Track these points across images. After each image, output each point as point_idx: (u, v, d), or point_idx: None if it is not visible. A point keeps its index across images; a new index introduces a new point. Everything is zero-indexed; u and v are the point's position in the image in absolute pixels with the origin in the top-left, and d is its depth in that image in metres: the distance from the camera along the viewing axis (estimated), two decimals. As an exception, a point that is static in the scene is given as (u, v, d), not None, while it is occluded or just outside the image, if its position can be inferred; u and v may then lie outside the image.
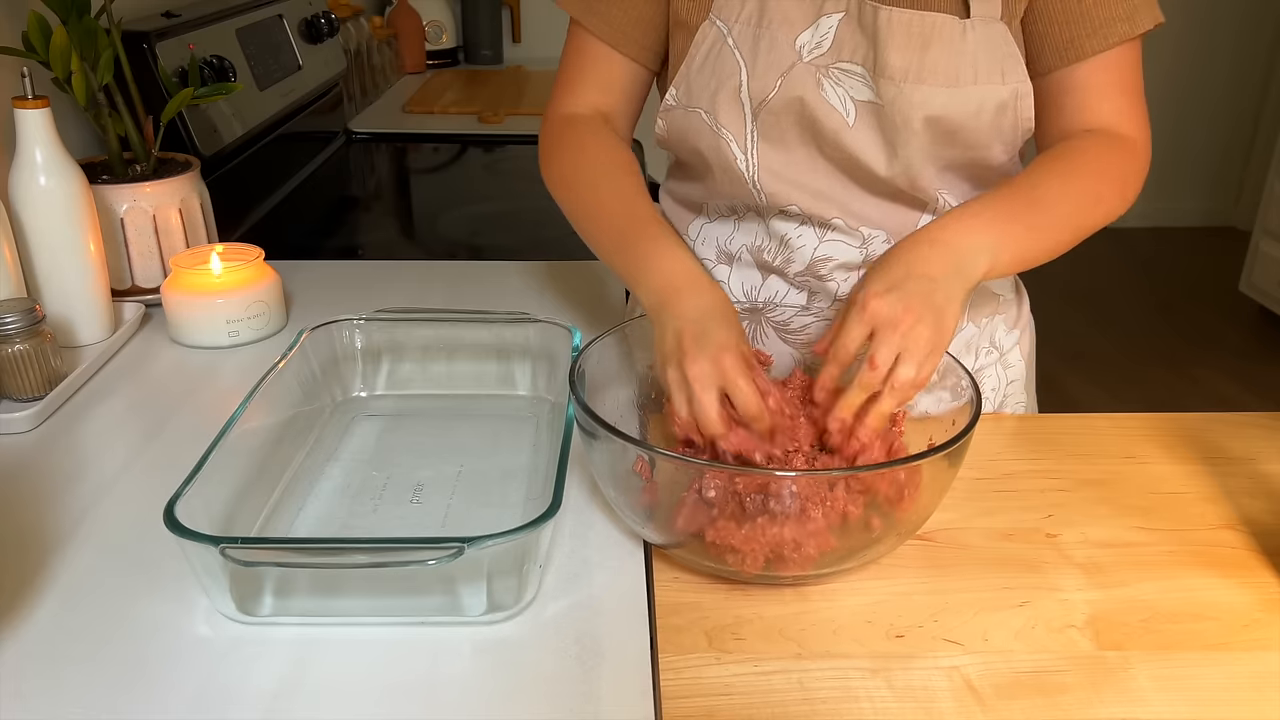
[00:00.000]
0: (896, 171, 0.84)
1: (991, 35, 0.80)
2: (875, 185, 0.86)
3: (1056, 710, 0.59)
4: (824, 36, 0.82)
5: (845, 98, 0.82)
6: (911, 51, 0.79)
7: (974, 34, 0.80)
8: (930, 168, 0.84)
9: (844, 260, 0.89)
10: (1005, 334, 0.98)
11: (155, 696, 0.59)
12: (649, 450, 0.67)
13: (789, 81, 0.82)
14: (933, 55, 0.79)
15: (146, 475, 0.81)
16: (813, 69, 0.82)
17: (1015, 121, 0.83)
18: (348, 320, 0.91)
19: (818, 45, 0.82)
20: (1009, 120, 0.83)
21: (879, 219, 0.88)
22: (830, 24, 0.82)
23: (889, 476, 0.67)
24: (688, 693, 0.60)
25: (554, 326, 0.91)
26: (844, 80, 0.82)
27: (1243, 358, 3.21)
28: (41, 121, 0.94)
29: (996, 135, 0.83)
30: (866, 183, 0.86)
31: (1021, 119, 0.83)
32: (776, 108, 0.84)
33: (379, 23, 2.42)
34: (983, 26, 0.80)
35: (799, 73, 0.82)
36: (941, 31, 0.79)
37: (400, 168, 1.93)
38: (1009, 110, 0.82)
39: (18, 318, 0.87)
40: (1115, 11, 0.81)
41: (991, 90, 0.81)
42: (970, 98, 0.80)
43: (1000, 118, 0.82)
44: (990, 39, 0.80)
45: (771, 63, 0.83)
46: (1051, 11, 0.82)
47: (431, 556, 0.61)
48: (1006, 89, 0.81)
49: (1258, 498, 0.80)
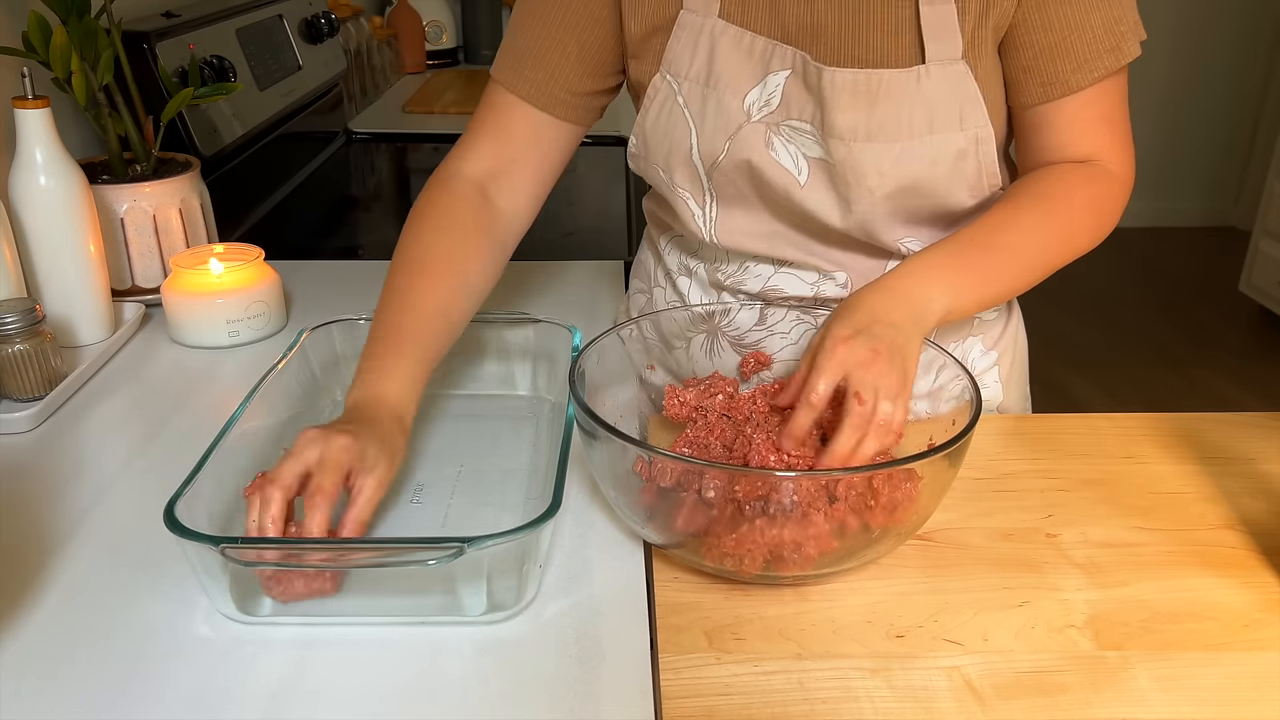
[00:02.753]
0: (852, 225, 0.83)
1: (949, 78, 0.78)
2: (833, 236, 0.86)
3: (1056, 710, 0.59)
4: (772, 95, 0.80)
5: (797, 155, 0.81)
6: (858, 111, 0.77)
7: (929, 81, 0.77)
8: (888, 219, 0.83)
9: (795, 292, 0.90)
10: (981, 355, 0.96)
11: (155, 696, 0.59)
12: (649, 450, 0.67)
13: (736, 144, 0.81)
14: (881, 113, 0.77)
15: (146, 475, 0.81)
16: (762, 127, 0.81)
17: (979, 167, 0.81)
18: (348, 320, 0.91)
19: (766, 103, 0.81)
20: (971, 167, 0.81)
21: (842, 261, 0.88)
22: (778, 81, 0.80)
23: (887, 493, 0.66)
24: (688, 693, 0.60)
25: (554, 326, 0.91)
26: (795, 138, 0.81)
27: (1242, 358, 3.21)
28: (41, 121, 0.94)
29: (960, 182, 0.81)
30: (823, 235, 0.86)
31: (985, 164, 0.81)
32: (727, 169, 0.83)
33: (379, 23, 2.42)
34: (939, 71, 0.77)
35: (746, 134, 0.81)
36: (889, 87, 0.77)
37: (400, 168, 1.93)
38: (969, 157, 0.80)
39: (18, 318, 0.87)
40: (1101, 45, 0.78)
41: (948, 139, 0.79)
42: (925, 149, 0.78)
43: (961, 165, 0.80)
44: (948, 83, 0.78)
45: (719, 125, 0.81)
46: (1036, 46, 0.78)
47: (431, 556, 0.61)
48: (965, 135, 0.79)
49: (1257, 498, 0.80)
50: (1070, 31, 0.77)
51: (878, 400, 0.68)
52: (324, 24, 1.81)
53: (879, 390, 0.68)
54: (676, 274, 0.98)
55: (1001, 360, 0.98)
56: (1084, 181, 0.82)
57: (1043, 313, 1.11)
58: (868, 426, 0.68)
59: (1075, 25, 0.77)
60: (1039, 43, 0.78)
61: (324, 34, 1.81)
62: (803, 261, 0.88)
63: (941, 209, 0.84)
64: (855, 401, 0.68)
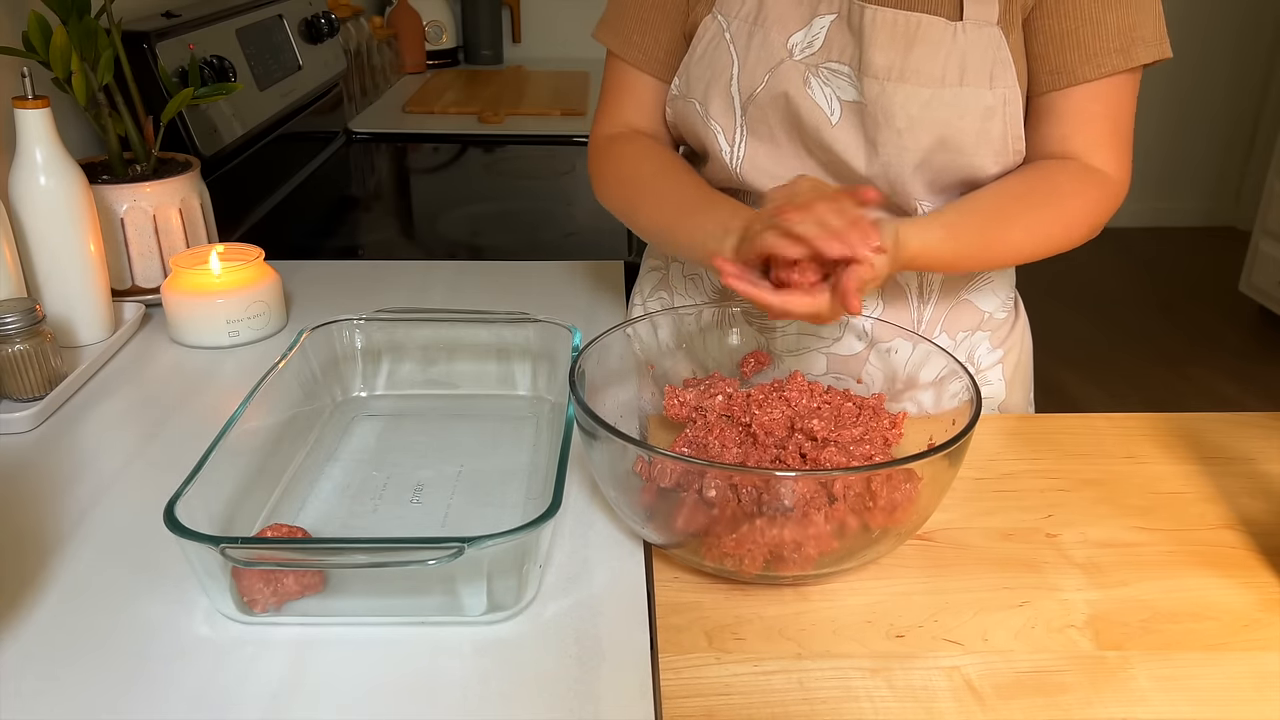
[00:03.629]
0: (876, 171, 0.85)
1: (983, 39, 0.80)
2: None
3: (1056, 710, 0.59)
4: (815, 36, 0.84)
5: (832, 97, 0.84)
6: (895, 51, 0.80)
7: (964, 36, 0.80)
8: (912, 171, 0.84)
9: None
10: (988, 352, 0.97)
11: (155, 696, 0.59)
12: (649, 450, 0.67)
13: (775, 77, 0.84)
14: (917, 55, 0.80)
15: (146, 475, 0.81)
16: (801, 67, 0.84)
17: (1004, 130, 0.83)
18: (348, 320, 0.91)
19: (809, 45, 0.84)
20: (997, 128, 0.82)
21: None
22: (823, 24, 0.83)
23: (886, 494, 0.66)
24: (688, 693, 0.60)
25: (554, 326, 0.91)
26: (832, 80, 0.83)
27: (1242, 358, 3.21)
28: (41, 121, 0.94)
29: (984, 142, 0.83)
30: (848, 181, 0.87)
31: (1011, 127, 0.83)
32: (763, 101, 0.86)
33: (379, 23, 2.42)
34: (974, 30, 0.80)
35: (786, 69, 0.84)
36: (927, 32, 0.80)
37: (400, 168, 1.93)
38: (996, 117, 0.82)
39: (18, 318, 0.87)
40: (1112, 43, 0.81)
41: (977, 94, 0.81)
42: (955, 99, 0.81)
43: (988, 124, 0.82)
44: (981, 42, 0.80)
45: (762, 58, 0.85)
46: (1049, 32, 0.82)
47: (431, 556, 0.61)
48: (994, 94, 0.81)
49: (1257, 498, 0.80)
50: (1084, 23, 0.80)
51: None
52: (324, 24, 1.81)
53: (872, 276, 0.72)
54: None
55: (1007, 359, 0.98)
56: (1075, 178, 0.84)
57: (1043, 312, 1.11)
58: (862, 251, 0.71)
59: (1090, 18, 0.80)
60: (1053, 29, 0.81)
61: (324, 34, 1.81)
62: None
63: (966, 172, 0.85)
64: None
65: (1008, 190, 0.83)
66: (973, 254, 0.83)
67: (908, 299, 0.93)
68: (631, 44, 0.94)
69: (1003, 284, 0.98)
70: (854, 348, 0.91)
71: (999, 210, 0.82)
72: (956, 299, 0.95)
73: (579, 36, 1.25)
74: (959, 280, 0.94)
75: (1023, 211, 0.83)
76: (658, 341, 0.88)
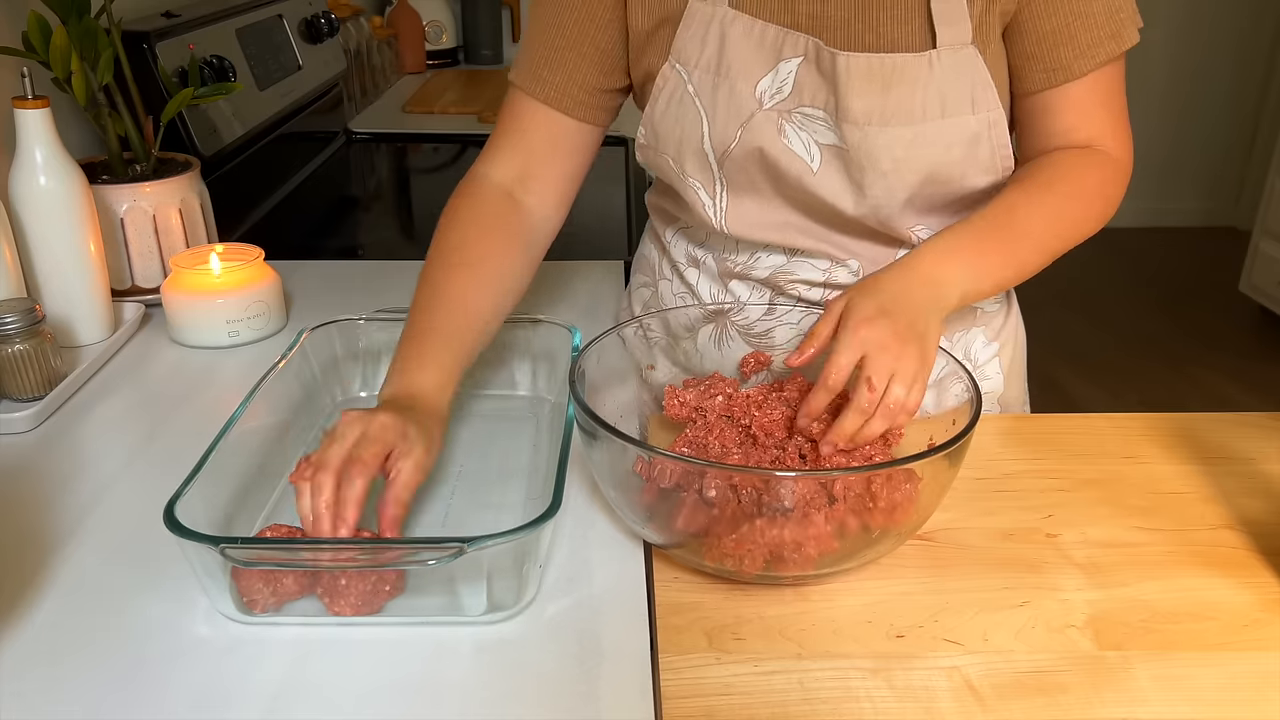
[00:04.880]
0: (865, 211, 0.84)
1: (960, 63, 0.78)
2: (846, 225, 0.86)
3: (1056, 710, 0.59)
4: (784, 81, 0.81)
5: (810, 142, 0.82)
6: (873, 95, 0.78)
7: (940, 65, 0.78)
8: (903, 206, 0.83)
9: (805, 278, 0.90)
10: (984, 347, 0.97)
11: (155, 696, 0.59)
12: (649, 450, 0.67)
13: (749, 132, 0.82)
14: (895, 96, 0.78)
15: (146, 475, 0.81)
16: (774, 115, 0.81)
17: (992, 150, 0.82)
18: (348, 320, 0.91)
19: (778, 90, 0.81)
20: (985, 151, 0.82)
21: (855, 249, 0.88)
22: (790, 68, 0.80)
23: (886, 496, 0.66)
24: (688, 693, 0.60)
25: (554, 326, 0.91)
26: (807, 124, 0.81)
27: (1243, 358, 3.21)
28: (41, 121, 0.94)
29: (974, 166, 0.82)
30: (837, 223, 0.87)
31: (999, 147, 0.82)
32: (738, 157, 0.83)
33: (379, 23, 2.42)
34: (950, 56, 0.78)
35: (759, 122, 0.81)
36: (903, 71, 0.78)
37: (400, 168, 1.93)
38: (983, 141, 0.81)
39: (18, 318, 0.87)
40: (1103, 31, 0.80)
41: (961, 123, 0.80)
42: (939, 134, 0.79)
43: (975, 149, 0.81)
44: (958, 67, 0.79)
45: (731, 113, 0.82)
46: (1038, 32, 0.80)
47: (431, 556, 0.61)
48: (978, 119, 0.80)
49: (1257, 498, 0.80)
50: (1073, 18, 0.79)
51: (891, 384, 0.69)
52: (324, 24, 1.81)
53: (895, 374, 0.69)
54: (684, 266, 0.98)
55: (1003, 352, 0.98)
56: (1091, 167, 0.83)
57: (1043, 312, 1.11)
58: (873, 410, 0.69)
59: (1077, 12, 0.79)
60: (1042, 29, 0.80)
61: (324, 34, 1.81)
62: (815, 249, 0.88)
63: (957, 194, 0.84)
64: (865, 388, 0.69)
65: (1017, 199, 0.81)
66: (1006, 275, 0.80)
67: None
68: (541, 80, 0.87)
69: None
70: None
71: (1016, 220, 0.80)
72: None
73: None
74: None
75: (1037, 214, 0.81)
76: (658, 341, 0.88)
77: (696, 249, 0.96)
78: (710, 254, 0.95)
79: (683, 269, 0.98)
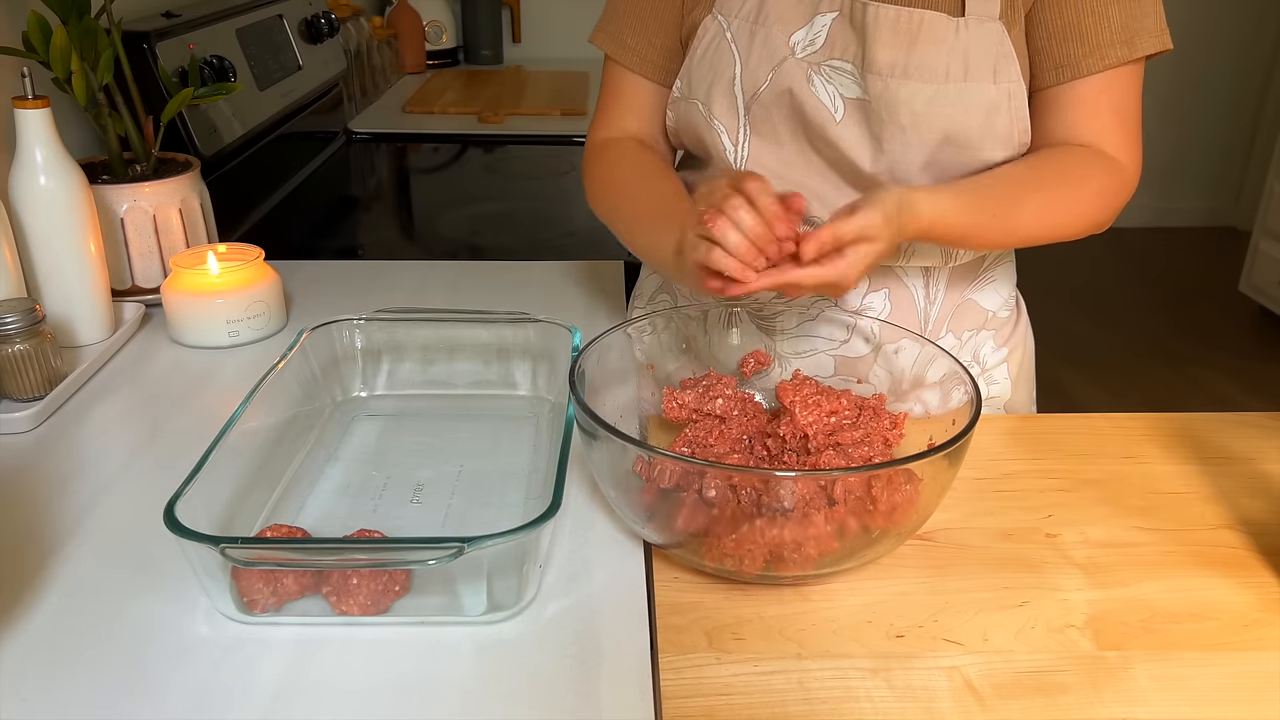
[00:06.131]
0: (882, 168, 0.85)
1: (986, 34, 0.80)
2: (861, 182, 0.87)
3: (1056, 710, 0.59)
4: (817, 34, 0.84)
5: (835, 94, 0.84)
6: (898, 48, 0.80)
7: (967, 32, 0.80)
8: (919, 168, 0.84)
9: None
10: (992, 351, 0.98)
11: (155, 696, 0.59)
12: (649, 450, 0.67)
13: (779, 74, 0.84)
14: (920, 51, 0.80)
15: (146, 475, 0.81)
16: (804, 64, 0.84)
17: (1010, 123, 0.83)
18: (348, 320, 0.91)
19: (811, 43, 0.84)
20: (1003, 122, 0.82)
21: None
22: (824, 22, 0.83)
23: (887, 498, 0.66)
24: (688, 693, 0.60)
25: (554, 326, 0.91)
26: (835, 77, 0.83)
27: (1243, 358, 3.21)
28: (41, 121, 0.94)
29: (990, 136, 0.83)
30: (853, 179, 0.87)
31: (1017, 120, 0.83)
32: (767, 100, 0.86)
33: (379, 23, 2.42)
34: (977, 25, 0.80)
35: (790, 66, 0.84)
36: (930, 28, 0.80)
37: (400, 168, 1.93)
38: (1002, 111, 0.82)
39: (18, 318, 0.87)
40: (1114, 35, 0.81)
41: (982, 89, 0.81)
42: (959, 95, 0.81)
43: (993, 118, 0.82)
44: (984, 37, 0.80)
45: (764, 56, 0.85)
46: (1051, 26, 0.82)
47: (431, 556, 0.61)
48: (998, 89, 0.81)
49: (1257, 498, 0.80)
50: (1086, 16, 0.81)
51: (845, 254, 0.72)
52: (324, 24, 1.81)
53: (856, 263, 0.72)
54: None
55: (1011, 357, 0.98)
56: (1095, 169, 0.84)
57: (1044, 312, 1.11)
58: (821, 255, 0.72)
59: (1092, 11, 0.81)
60: (1055, 23, 0.81)
61: (324, 34, 1.81)
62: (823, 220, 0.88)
63: (973, 165, 0.85)
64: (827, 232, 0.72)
65: (1019, 170, 0.83)
66: (984, 225, 0.81)
67: (915, 301, 0.93)
68: (626, 47, 0.94)
69: (1004, 282, 0.98)
70: (860, 350, 0.91)
71: (1013, 185, 0.82)
72: (962, 298, 0.95)
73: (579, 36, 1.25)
74: (964, 278, 0.94)
75: (1035, 189, 0.82)
76: (658, 341, 0.88)
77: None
78: None
79: None
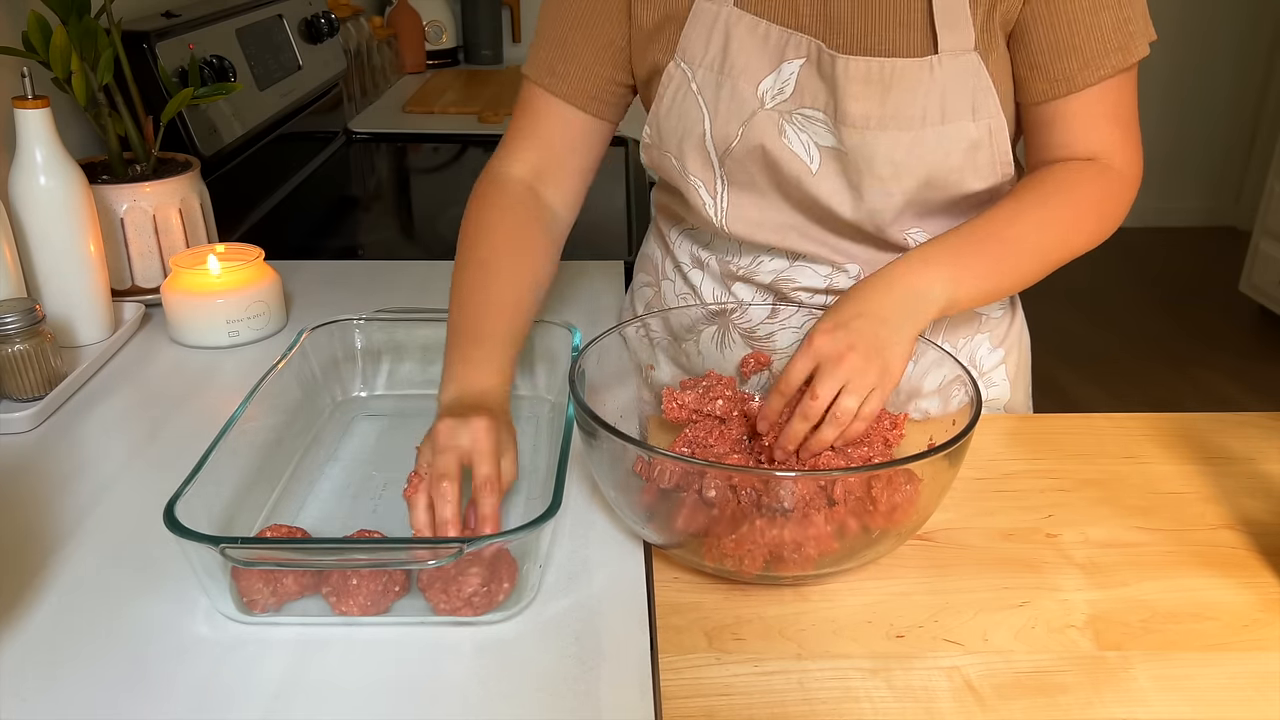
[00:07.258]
0: (863, 215, 0.83)
1: (961, 69, 0.78)
2: (843, 228, 0.86)
3: (1056, 710, 0.59)
4: (786, 83, 0.81)
5: (809, 144, 0.81)
6: (871, 99, 0.78)
7: (941, 70, 0.77)
8: (900, 212, 0.83)
9: (807, 284, 0.90)
10: (989, 353, 0.97)
11: (155, 696, 0.59)
12: (649, 450, 0.67)
13: (750, 129, 0.82)
14: (894, 100, 0.78)
15: (146, 475, 0.81)
16: (775, 115, 0.81)
17: (992, 156, 0.81)
18: (348, 320, 0.91)
19: (780, 91, 0.81)
20: (984, 157, 0.81)
21: (854, 254, 0.88)
22: (792, 69, 0.80)
23: (886, 498, 0.66)
24: (688, 693, 0.60)
25: (554, 326, 0.91)
26: (807, 126, 0.81)
27: (1243, 358, 3.21)
28: (41, 121, 0.94)
29: (973, 172, 0.81)
30: (834, 225, 0.86)
31: (999, 153, 0.81)
32: (739, 155, 0.83)
33: (379, 23, 2.42)
34: (951, 61, 0.77)
35: (760, 120, 0.82)
36: (903, 76, 0.77)
37: (400, 168, 1.93)
38: (983, 148, 0.80)
39: (18, 318, 0.87)
40: (1109, 43, 0.78)
41: (961, 129, 0.79)
42: (938, 139, 0.79)
43: (974, 155, 0.80)
44: (960, 73, 0.78)
45: (733, 110, 0.82)
46: (1043, 42, 0.79)
47: (431, 556, 0.61)
48: (978, 126, 0.79)
49: (1257, 498, 0.80)
50: (1078, 29, 0.78)
51: (841, 395, 0.71)
52: (324, 24, 1.81)
53: (848, 384, 0.71)
54: (688, 267, 0.97)
55: (1008, 358, 0.98)
56: (1090, 179, 0.82)
57: (1043, 312, 1.11)
58: (817, 418, 0.71)
59: (1084, 23, 0.78)
60: (1046, 39, 0.79)
61: (324, 34, 1.81)
62: (815, 254, 0.88)
63: (954, 200, 0.84)
64: (809, 396, 0.71)
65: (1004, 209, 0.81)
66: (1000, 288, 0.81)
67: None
68: (557, 74, 0.88)
69: None
70: None
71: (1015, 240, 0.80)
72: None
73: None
74: None
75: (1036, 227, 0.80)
76: (658, 341, 0.88)
77: (700, 250, 0.96)
78: (714, 256, 0.95)
79: (686, 270, 0.98)
